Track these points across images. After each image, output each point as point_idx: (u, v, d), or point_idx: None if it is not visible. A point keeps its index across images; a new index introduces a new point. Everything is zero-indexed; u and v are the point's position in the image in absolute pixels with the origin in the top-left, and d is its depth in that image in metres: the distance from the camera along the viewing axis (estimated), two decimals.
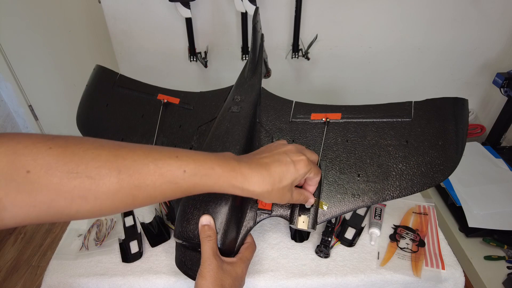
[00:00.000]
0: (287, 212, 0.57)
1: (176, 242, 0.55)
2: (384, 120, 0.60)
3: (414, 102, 0.60)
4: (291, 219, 0.56)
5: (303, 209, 0.55)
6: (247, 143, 0.59)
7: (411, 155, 0.56)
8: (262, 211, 0.57)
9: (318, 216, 0.56)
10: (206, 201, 0.52)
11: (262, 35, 0.84)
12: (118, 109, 0.75)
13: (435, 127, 0.57)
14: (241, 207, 0.56)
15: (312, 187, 0.54)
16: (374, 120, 0.61)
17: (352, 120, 0.62)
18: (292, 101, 0.68)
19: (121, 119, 0.73)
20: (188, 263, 0.53)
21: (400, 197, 0.55)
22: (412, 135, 0.58)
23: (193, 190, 0.42)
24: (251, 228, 0.56)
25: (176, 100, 0.73)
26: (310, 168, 0.48)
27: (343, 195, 0.56)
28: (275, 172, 0.45)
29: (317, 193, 0.56)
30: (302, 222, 0.55)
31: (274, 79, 0.99)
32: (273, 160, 0.46)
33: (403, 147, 0.57)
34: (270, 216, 0.57)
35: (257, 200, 0.57)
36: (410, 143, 0.57)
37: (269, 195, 0.45)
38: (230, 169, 0.43)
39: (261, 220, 0.57)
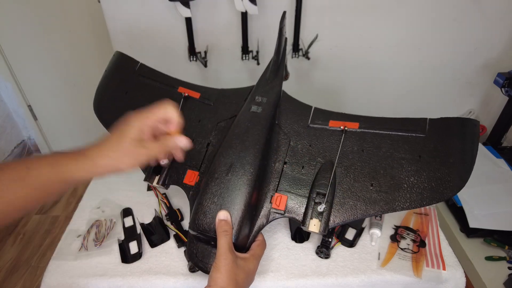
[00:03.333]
0: (300, 214, 0.57)
1: (189, 234, 0.56)
2: (400, 133, 0.62)
3: (429, 119, 0.62)
4: (303, 221, 0.56)
5: (316, 213, 0.56)
6: (266, 143, 0.61)
7: (423, 169, 0.58)
8: (275, 211, 0.58)
9: (330, 220, 0.56)
10: (224, 196, 0.54)
11: (286, 38, 0.85)
12: (137, 98, 0.75)
13: (447, 144, 0.59)
14: (256, 205, 0.57)
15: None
16: (390, 132, 0.62)
17: (369, 130, 0.63)
18: (311, 106, 0.70)
19: (141, 108, 0.73)
20: (199, 255, 0.54)
21: (410, 209, 0.56)
22: (425, 151, 0.59)
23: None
24: (263, 226, 0.57)
25: (196, 95, 0.74)
26: None
27: (355, 202, 0.57)
28: None
29: (331, 198, 0.57)
30: (314, 225, 0.56)
31: None
32: None
33: (416, 162, 0.59)
34: (282, 217, 0.58)
35: (271, 199, 0.59)
36: (423, 158, 0.59)
37: None
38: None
39: (273, 219, 0.58)
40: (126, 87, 0.77)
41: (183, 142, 0.50)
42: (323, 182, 0.59)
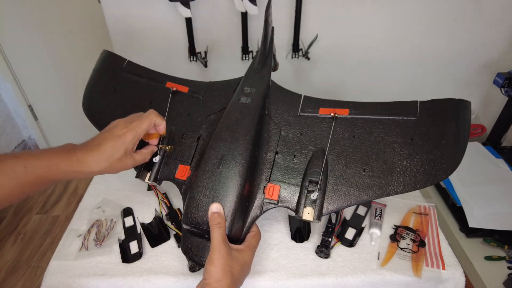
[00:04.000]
0: (293, 203, 0.57)
1: (183, 228, 0.56)
2: (391, 117, 0.62)
3: (420, 101, 0.61)
4: (297, 210, 0.57)
5: (309, 201, 0.56)
6: (256, 134, 0.61)
7: (415, 152, 0.57)
8: (269, 201, 0.58)
9: (324, 208, 0.56)
10: (215, 189, 0.54)
11: (273, 28, 0.85)
12: (125, 95, 0.75)
13: (439, 126, 0.58)
14: (248, 196, 0.57)
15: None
16: (381, 117, 0.62)
17: (359, 116, 0.63)
18: (301, 95, 0.69)
19: (129, 105, 0.74)
20: (194, 249, 0.54)
21: (403, 192, 0.56)
22: (417, 134, 0.59)
23: (37, 182, 0.49)
24: (257, 217, 0.57)
25: (185, 89, 0.74)
26: None
27: (348, 188, 0.57)
28: None
29: (323, 186, 0.57)
30: (308, 213, 0.56)
31: (274, 79, 0.99)
32: None
33: (407, 145, 0.58)
34: (276, 206, 0.58)
35: (263, 190, 0.59)
36: (414, 141, 0.58)
37: None
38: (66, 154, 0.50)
39: (267, 210, 0.58)
40: (114, 85, 0.76)
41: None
42: (315, 170, 0.59)
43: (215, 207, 0.52)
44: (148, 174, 0.63)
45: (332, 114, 0.64)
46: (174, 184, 0.63)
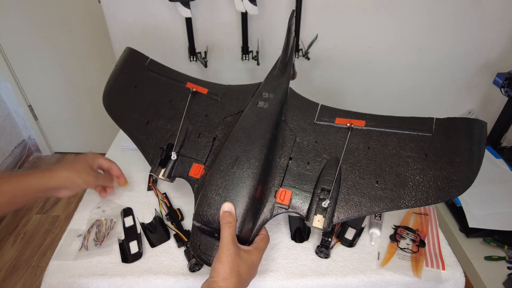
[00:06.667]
0: (304, 210, 0.58)
1: (193, 226, 0.56)
2: (406, 132, 0.62)
3: (436, 118, 0.62)
4: (307, 217, 0.57)
5: (320, 209, 0.57)
6: (272, 138, 0.62)
7: (429, 168, 0.58)
8: (280, 206, 0.58)
9: (335, 217, 0.56)
10: (228, 189, 0.54)
11: (294, 37, 0.86)
12: (146, 92, 0.76)
13: (454, 144, 0.59)
14: (260, 199, 0.57)
15: None
16: (397, 131, 0.63)
17: (375, 128, 0.64)
18: (318, 103, 0.70)
19: (148, 102, 0.75)
20: (202, 247, 0.54)
21: (415, 207, 0.56)
22: (432, 150, 0.59)
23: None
24: (267, 220, 0.57)
25: (204, 90, 0.75)
26: None
27: (360, 198, 0.57)
28: None
29: (335, 194, 0.57)
30: (317, 221, 0.56)
31: None
32: None
33: (422, 160, 0.59)
34: (286, 212, 0.58)
35: (275, 194, 0.59)
36: (429, 157, 0.59)
37: None
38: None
39: (277, 214, 0.58)
40: (135, 82, 0.78)
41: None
42: (328, 178, 0.59)
43: (227, 206, 0.53)
44: (163, 170, 0.64)
45: (348, 124, 0.65)
46: (187, 182, 0.63)
